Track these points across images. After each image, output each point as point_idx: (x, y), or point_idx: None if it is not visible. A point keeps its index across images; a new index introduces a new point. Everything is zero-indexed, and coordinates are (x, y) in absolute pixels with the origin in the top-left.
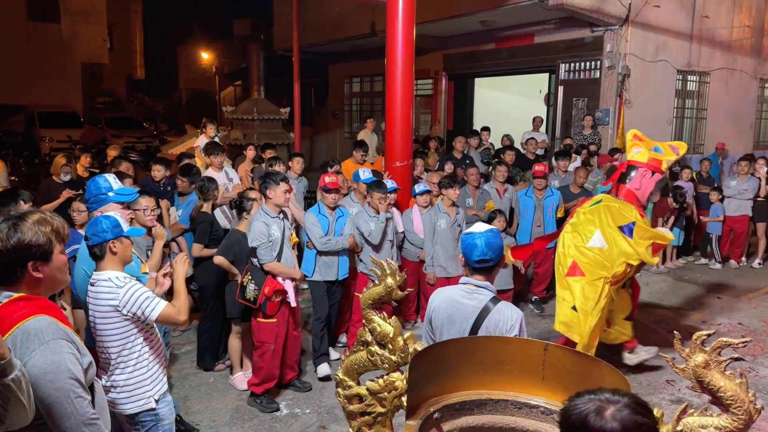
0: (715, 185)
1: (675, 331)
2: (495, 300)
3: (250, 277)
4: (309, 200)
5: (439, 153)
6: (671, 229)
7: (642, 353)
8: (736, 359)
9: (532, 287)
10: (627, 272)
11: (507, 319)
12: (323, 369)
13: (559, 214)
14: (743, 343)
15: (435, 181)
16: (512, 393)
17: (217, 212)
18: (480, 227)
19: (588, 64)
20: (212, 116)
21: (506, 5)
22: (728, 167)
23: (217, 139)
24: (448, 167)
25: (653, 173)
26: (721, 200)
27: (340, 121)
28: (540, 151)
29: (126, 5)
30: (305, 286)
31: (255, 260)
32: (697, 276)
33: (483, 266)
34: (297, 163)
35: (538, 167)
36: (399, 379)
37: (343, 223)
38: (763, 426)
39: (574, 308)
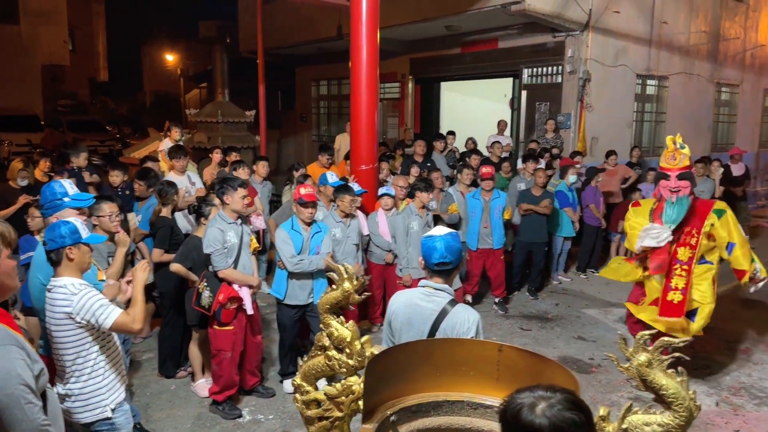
0: None
1: (619, 332)
2: (453, 302)
3: (205, 284)
4: (275, 204)
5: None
6: None
7: None
8: (677, 358)
9: (492, 290)
10: None
11: (464, 321)
12: (288, 386)
13: (506, 216)
14: (684, 343)
15: (401, 185)
16: (468, 394)
17: (180, 217)
18: (440, 230)
19: (550, 68)
20: (177, 119)
21: (470, 10)
22: None
23: (181, 143)
24: (415, 171)
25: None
26: None
27: (308, 124)
28: (505, 155)
29: (88, 7)
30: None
31: (211, 267)
32: None
33: (442, 269)
34: (262, 167)
35: (486, 169)
36: (356, 383)
37: (320, 240)
38: (716, 421)
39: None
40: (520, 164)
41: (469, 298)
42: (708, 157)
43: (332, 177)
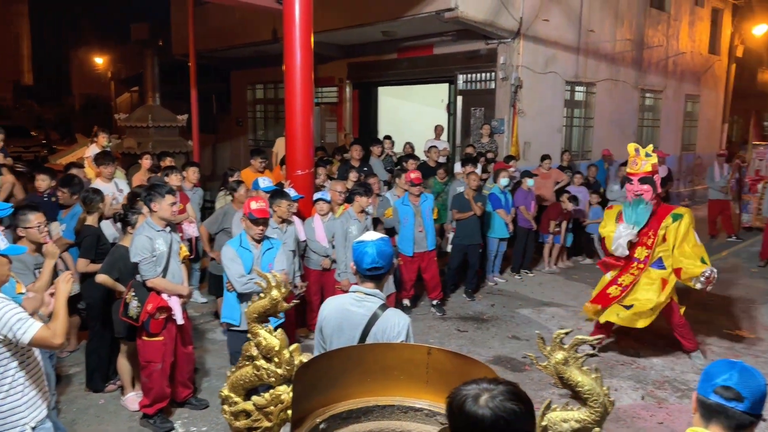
0: (602, 189)
1: (537, 332)
2: (384, 307)
3: (133, 294)
4: (209, 210)
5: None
6: (566, 233)
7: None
8: (591, 355)
9: (429, 293)
10: None
11: (394, 325)
12: None
13: (434, 217)
14: (598, 340)
15: (339, 190)
16: (398, 398)
17: (107, 225)
18: (371, 236)
19: (484, 75)
20: (108, 124)
21: (405, 17)
22: (614, 173)
23: (108, 149)
24: (353, 176)
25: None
26: (601, 203)
27: (245, 128)
28: (442, 159)
29: (9, 7)
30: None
31: (139, 276)
32: (585, 275)
33: (374, 274)
34: (192, 173)
35: (414, 174)
36: (285, 392)
37: (273, 257)
38: (641, 414)
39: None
40: (458, 168)
41: (406, 302)
42: None
43: (264, 182)
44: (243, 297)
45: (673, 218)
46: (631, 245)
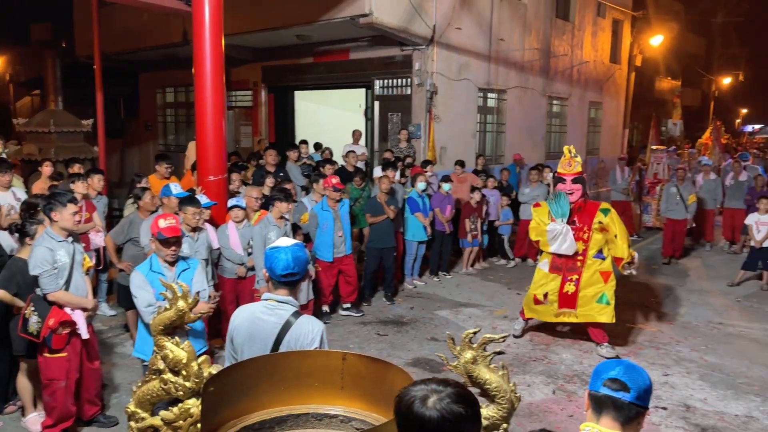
0: (514, 193)
1: (448, 332)
2: (297, 314)
3: (33, 309)
4: (116, 219)
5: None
6: (482, 234)
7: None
8: (498, 353)
9: (345, 297)
10: None
11: (308, 332)
12: None
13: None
14: (503, 338)
15: (255, 196)
16: (313, 405)
17: (4, 236)
18: (285, 241)
19: (400, 80)
20: (6, 129)
21: (320, 21)
22: (525, 176)
23: (4, 155)
24: (270, 181)
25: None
26: (511, 205)
27: (154, 132)
28: (360, 164)
29: None
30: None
31: (39, 290)
32: (500, 275)
33: (289, 280)
34: (97, 181)
35: (335, 179)
36: (194, 405)
37: (190, 279)
38: (553, 408)
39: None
40: (378, 173)
41: (325, 308)
42: (542, 164)
43: (176, 188)
44: None
45: (603, 212)
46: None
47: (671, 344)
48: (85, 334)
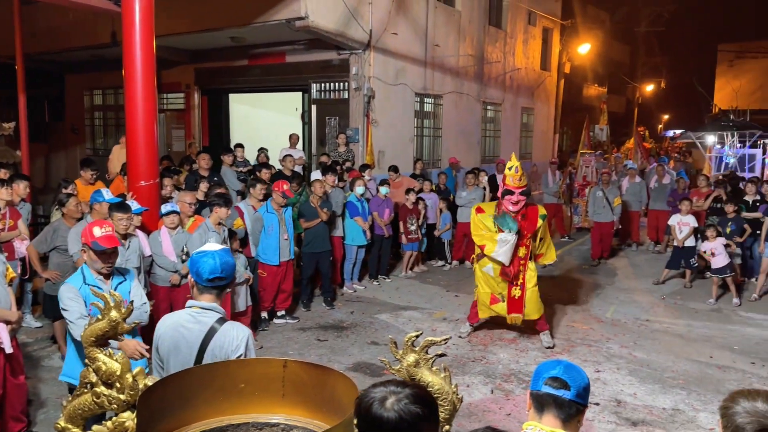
0: (452, 196)
1: (390, 336)
2: (221, 321)
3: None
4: (40, 226)
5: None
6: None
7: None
8: (440, 355)
9: (279, 303)
10: None
11: (233, 338)
12: None
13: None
14: (444, 340)
15: (189, 201)
16: (253, 414)
17: None
18: (213, 246)
19: (338, 84)
20: None
21: (254, 23)
22: (461, 179)
23: None
24: (204, 186)
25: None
26: (449, 208)
27: (81, 136)
28: (298, 168)
29: None
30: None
31: None
32: (439, 278)
33: (216, 285)
34: (23, 188)
35: (286, 186)
36: (129, 418)
37: (127, 291)
38: (491, 407)
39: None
40: (316, 177)
41: (264, 315)
42: (477, 168)
43: (108, 194)
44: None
45: (541, 219)
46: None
47: (602, 341)
48: (8, 348)
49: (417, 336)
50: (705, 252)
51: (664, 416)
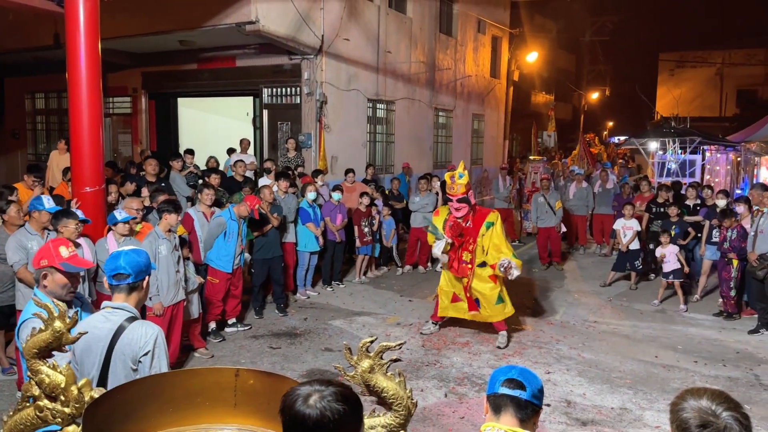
0: (405, 201)
1: (345, 342)
2: (131, 319)
3: None
4: None
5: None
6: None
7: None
8: (395, 360)
9: (230, 311)
10: None
11: (141, 336)
12: None
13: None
14: (399, 345)
15: (135, 207)
16: (204, 425)
17: None
18: (126, 246)
19: (289, 89)
20: None
21: (204, 27)
22: (414, 184)
23: None
24: (145, 192)
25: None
26: (391, 213)
27: (23, 141)
28: (249, 173)
29: None
30: None
31: None
32: (392, 283)
33: (121, 282)
34: None
35: (258, 204)
36: None
37: (83, 317)
38: (445, 411)
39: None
40: (262, 182)
41: (213, 325)
42: (430, 174)
43: (49, 202)
44: None
45: (486, 227)
46: (450, 249)
47: (552, 343)
48: None
49: (371, 341)
50: (657, 257)
51: (612, 415)
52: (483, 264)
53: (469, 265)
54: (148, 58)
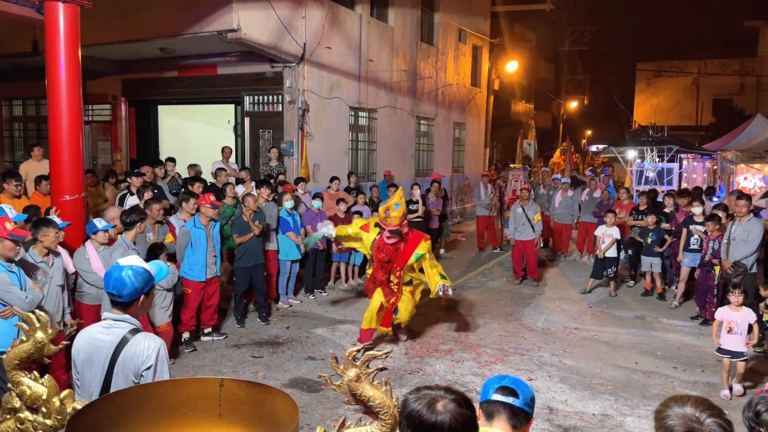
0: None
1: (331, 351)
2: (134, 331)
3: None
4: None
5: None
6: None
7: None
8: (381, 369)
9: (206, 320)
10: None
11: (144, 349)
12: None
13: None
14: (385, 354)
15: (115, 216)
16: None
17: None
18: (130, 260)
19: (271, 97)
20: None
21: (185, 34)
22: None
23: None
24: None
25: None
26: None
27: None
28: (231, 181)
29: None
30: None
31: None
32: None
33: (114, 300)
34: None
35: (212, 197)
36: None
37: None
38: None
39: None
40: (240, 190)
41: (186, 335)
42: (395, 185)
43: (12, 212)
44: None
45: (415, 257)
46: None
47: (533, 350)
48: None
49: (358, 351)
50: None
51: (594, 422)
52: (409, 282)
53: (396, 287)
54: (128, 65)
